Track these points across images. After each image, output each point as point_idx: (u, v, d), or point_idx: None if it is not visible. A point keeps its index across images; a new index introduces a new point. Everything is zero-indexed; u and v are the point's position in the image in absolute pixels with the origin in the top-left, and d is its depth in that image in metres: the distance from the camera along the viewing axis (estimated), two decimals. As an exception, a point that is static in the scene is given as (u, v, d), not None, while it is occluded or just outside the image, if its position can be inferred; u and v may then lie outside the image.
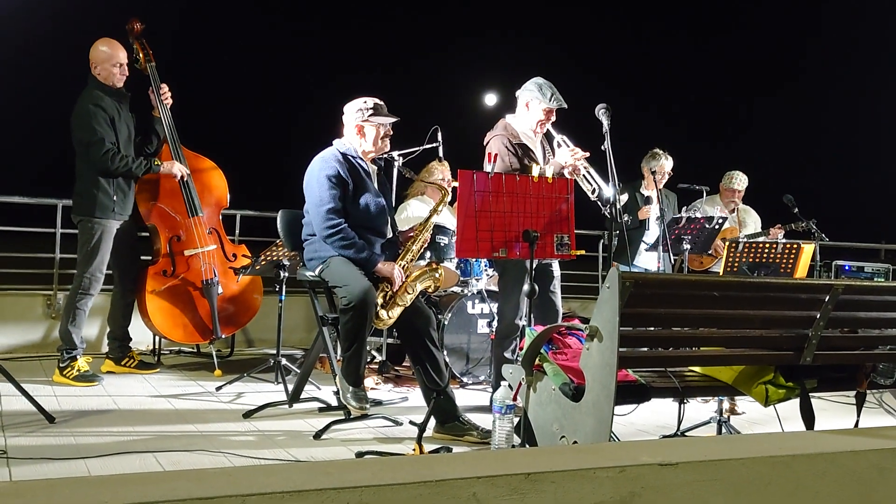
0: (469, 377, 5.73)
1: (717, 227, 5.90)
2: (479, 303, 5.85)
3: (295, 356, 6.20)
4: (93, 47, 5.34)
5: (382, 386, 5.58)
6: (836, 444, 2.66)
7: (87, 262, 5.23)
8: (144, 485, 1.77)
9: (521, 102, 4.95)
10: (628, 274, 2.94)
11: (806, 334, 3.34)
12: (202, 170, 5.86)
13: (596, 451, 2.49)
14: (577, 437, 3.10)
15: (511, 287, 4.79)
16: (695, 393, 4.05)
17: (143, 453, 3.69)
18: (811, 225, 6.72)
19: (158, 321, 5.64)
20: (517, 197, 4.11)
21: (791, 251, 5.77)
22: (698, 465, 2.30)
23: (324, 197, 4.36)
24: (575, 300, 8.27)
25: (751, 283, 3.64)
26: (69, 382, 5.12)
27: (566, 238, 4.31)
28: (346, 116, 4.57)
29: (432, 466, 2.10)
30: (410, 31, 50.49)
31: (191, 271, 5.72)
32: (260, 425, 4.37)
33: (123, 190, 5.33)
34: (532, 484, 2.06)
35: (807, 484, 2.46)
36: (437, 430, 4.31)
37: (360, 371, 4.27)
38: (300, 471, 2.06)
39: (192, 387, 5.30)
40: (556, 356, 3.37)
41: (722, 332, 3.39)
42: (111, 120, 5.25)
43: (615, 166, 4.49)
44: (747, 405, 5.09)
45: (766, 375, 3.47)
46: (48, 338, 6.26)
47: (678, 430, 4.31)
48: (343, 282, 4.25)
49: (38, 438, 3.88)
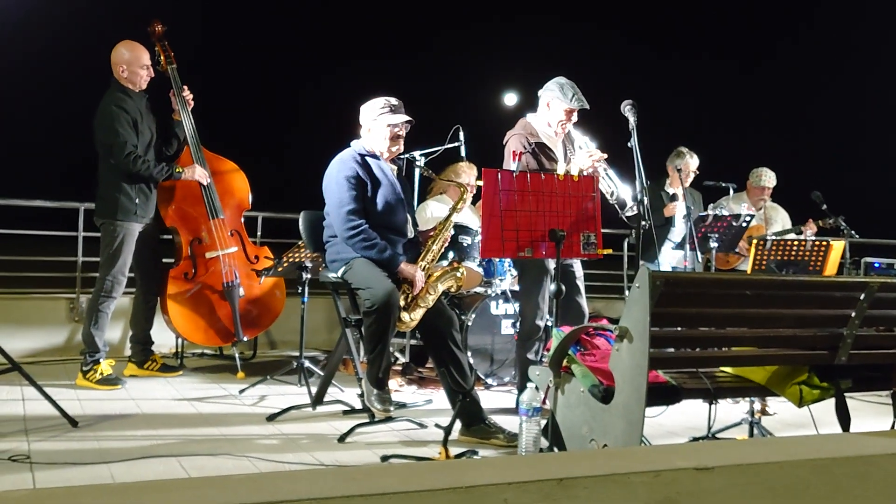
0: (494, 379, 5.67)
1: (743, 225, 5.82)
2: (504, 303, 5.79)
3: (318, 358, 6.18)
4: (115, 50, 5.33)
5: (406, 388, 5.53)
6: (875, 446, 2.58)
7: (110, 264, 5.22)
8: (167, 492, 1.73)
9: (543, 102, 4.89)
10: (659, 273, 2.88)
11: (840, 333, 3.27)
12: (224, 172, 5.84)
13: (629, 456, 2.42)
14: (607, 439, 3.04)
15: (530, 288, 4.74)
16: (727, 394, 3.97)
17: (167, 457, 3.66)
18: (840, 221, 6.61)
19: (180, 324, 5.63)
20: (543, 196, 4.05)
21: (820, 248, 5.68)
22: (735, 469, 2.23)
23: (343, 198, 4.32)
24: (599, 300, 8.20)
25: (784, 282, 3.57)
26: (92, 386, 5.11)
27: (593, 237, 4.24)
28: (362, 117, 4.54)
29: (462, 472, 2.05)
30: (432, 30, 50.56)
31: (212, 274, 5.70)
32: (284, 428, 4.34)
33: (145, 193, 5.32)
34: (564, 490, 2.00)
35: (846, 488, 2.38)
36: (463, 433, 4.25)
37: (384, 373, 4.22)
38: (325, 477, 2.02)
39: (216, 390, 5.28)
40: (585, 357, 3.31)
41: (754, 331, 3.32)
42: (134, 122, 5.24)
43: (642, 163, 4.42)
44: (778, 405, 4.99)
45: (800, 376, 3.39)
46: (71, 341, 6.27)
47: (709, 432, 4.23)
48: (366, 284, 4.20)
49: (61, 443, 3.86)
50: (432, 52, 48.45)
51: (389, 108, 4.45)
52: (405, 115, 4.48)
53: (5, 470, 3.37)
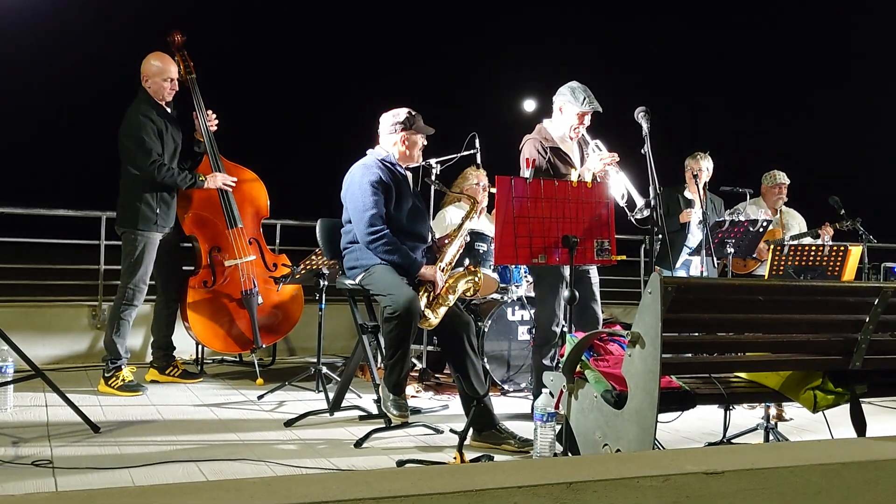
0: (510, 384, 5.69)
1: (760, 231, 5.80)
2: (520, 309, 5.82)
3: (336, 364, 6.21)
4: (145, 61, 5.42)
5: (423, 394, 5.56)
6: (887, 450, 2.58)
7: (131, 273, 5.29)
8: (183, 495, 1.76)
9: (556, 107, 4.92)
10: (670, 279, 2.90)
11: (855, 338, 3.26)
12: (242, 181, 5.89)
13: (639, 460, 2.44)
14: (620, 444, 3.06)
15: (546, 294, 4.76)
16: (741, 399, 3.97)
17: (186, 462, 3.71)
18: (857, 225, 6.57)
19: (199, 331, 5.69)
20: (556, 202, 4.07)
21: (838, 253, 5.66)
22: (745, 474, 2.25)
23: (367, 203, 4.36)
24: (617, 306, 8.19)
25: (796, 287, 3.57)
26: (114, 392, 5.18)
27: (606, 243, 4.25)
28: (381, 126, 4.60)
29: (472, 476, 2.07)
30: (449, 36, 50.66)
31: (231, 282, 5.76)
32: (301, 434, 4.38)
33: (166, 202, 5.39)
34: (574, 493, 2.02)
35: (858, 492, 2.39)
36: (475, 439, 4.27)
37: (401, 380, 4.25)
38: (338, 480, 2.05)
39: (235, 395, 5.33)
40: (598, 363, 3.32)
41: (767, 336, 3.32)
42: (159, 132, 5.32)
43: (656, 170, 4.42)
44: (795, 411, 4.98)
45: (815, 381, 3.38)
46: (93, 348, 6.35)
47: (724, 438, 4.23)
48: (387, 290, 4.24)
49: (83, 448, 3.92)
50: (450, 59, 48.47)
51: (412, 119, 4.53)
52: (426, 126, 4.56)
53: (28, 475, 3.43)
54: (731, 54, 43.53)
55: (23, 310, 6.51)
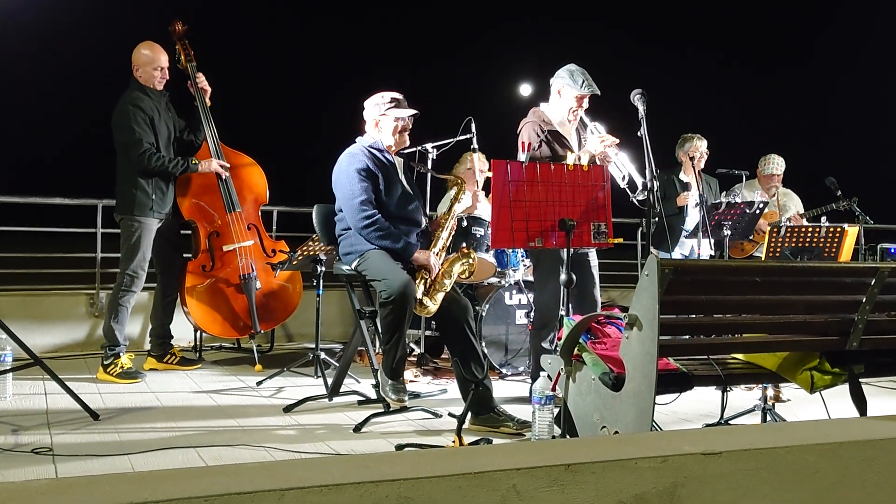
0: (508, 368, 5.70)
1: (757, 213, 5.80)
2: (517, 293, 5.82)
3: (334, 350, 6.23)
4: (135, 50, 5.42)
5: (421, 378, 5.58)
6: (884, 430, 2.59)
7: (129, 259, 5.30)
8: (183, 480, 1.77)
9: (554, 90, 4.91)
10: (667, 261, 2.90)
11: (852, 319, 3.27)
12: (241, 166, 5.90)
13: (637, 441, 2.45)
14: (618, 426, 3.07)
15: (546, 277, 4.76)
16: (738, 381, 3.98)
17: (186, 448, 3.72)
18: (853, 206, 6.56)
19: (198, 316, 5.70)
20: (552, 186, 4.06)
21: (835, 234, 5.65)
22: (742, 454, 2.25)
23: (355, 190, 4.37)
24: (615, 289, 8.20)
25: (793, 268, 3.56)
26: (113, 380, 5.19)
27: (603, 226, 4.25)
28: (366, 112, 4.59)
29: (471, 458, 2.08)
30: (443, 20, 50.49)
31: (229, 267, 5.76)
32: (300, 419, 4.39)
33: (162, 189, 5.39)
34: (572, 475, 2.03)
35: (855, 471, 2.40)
36: (473, 422, 4.29)
37: (398, 364, 4.26)
38: (338, 464, 2.06)
39: (233, 382, 5.34)
40: (595, 346, 3.33)
41: (765, 318, 3.32)
42: (150, 120, 5.32)
43: (652, 152, 4.42)
44: (792, 392, 5.00)
45: (812, 361, 3.40)
46: (92, 336, 6.36)
47: (722, 419, 4.25)
48: (381, 275, 4.24)
49: (82, 435, 3.93)
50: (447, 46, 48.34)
51: (395, 102, 4.51)
52: (410, 108, 4.54)
53: (28, 462, 3.44)
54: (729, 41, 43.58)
55: (20, 298, 6.52)
